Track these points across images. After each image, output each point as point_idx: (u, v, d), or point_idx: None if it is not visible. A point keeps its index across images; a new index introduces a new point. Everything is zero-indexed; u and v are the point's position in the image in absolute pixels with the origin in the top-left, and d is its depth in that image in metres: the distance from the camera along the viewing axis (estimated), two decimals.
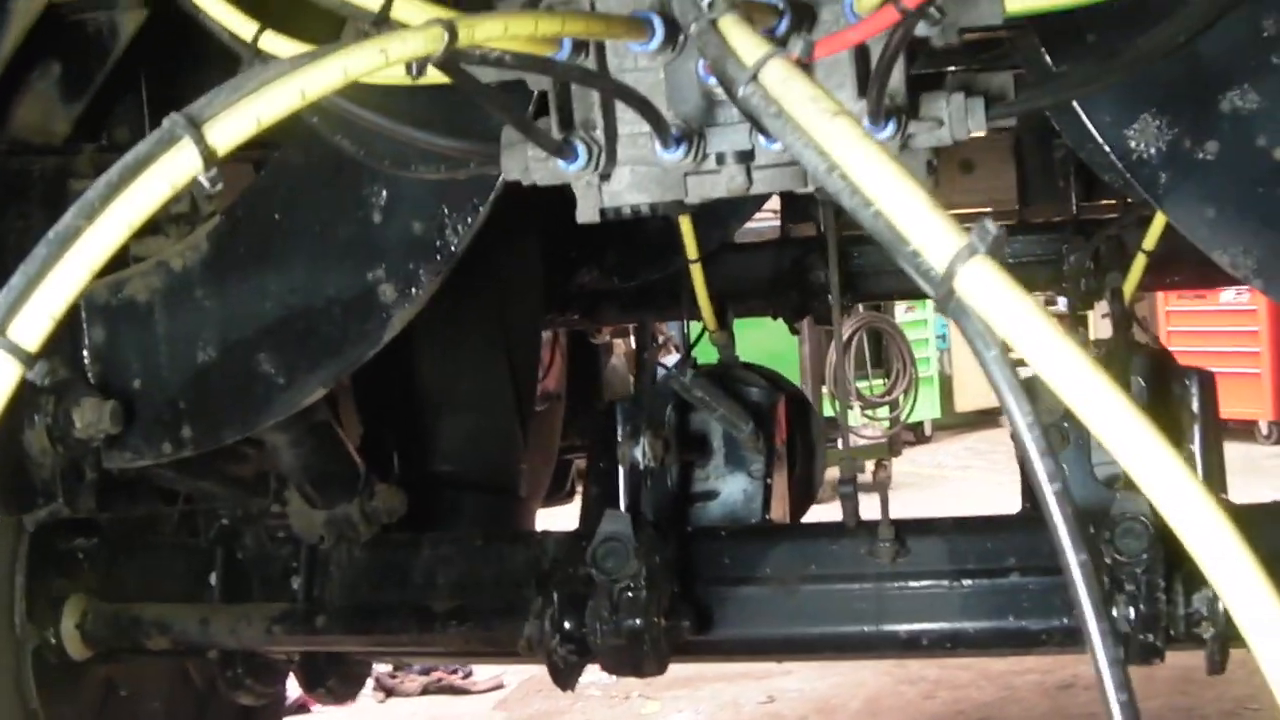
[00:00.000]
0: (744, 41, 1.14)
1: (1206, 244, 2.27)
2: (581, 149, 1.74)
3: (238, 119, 1.21)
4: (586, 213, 1.83)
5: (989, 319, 0.92)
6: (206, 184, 1.19)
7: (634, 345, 5.28)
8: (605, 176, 1.80)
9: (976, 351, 0.93)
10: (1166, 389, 3.34)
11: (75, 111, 2.53)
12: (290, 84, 1.23)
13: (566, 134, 1.77)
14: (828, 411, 12.10)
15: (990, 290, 0.91)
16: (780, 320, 4.35)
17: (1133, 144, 2.23)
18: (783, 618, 2.85)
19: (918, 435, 14.48)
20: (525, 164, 1.81)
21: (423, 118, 2.03)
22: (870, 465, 12.20)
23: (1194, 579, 2.48)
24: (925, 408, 14.05)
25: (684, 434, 3.29)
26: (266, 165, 2.54)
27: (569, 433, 4.85)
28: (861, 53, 1.71)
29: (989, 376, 0.93)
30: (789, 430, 3.49)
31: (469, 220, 2.36)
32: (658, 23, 1.67)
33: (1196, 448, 3.34)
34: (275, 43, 1.91)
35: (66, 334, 2.58)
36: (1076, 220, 4.22)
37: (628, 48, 1.70)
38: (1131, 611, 2.44)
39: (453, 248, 2.38)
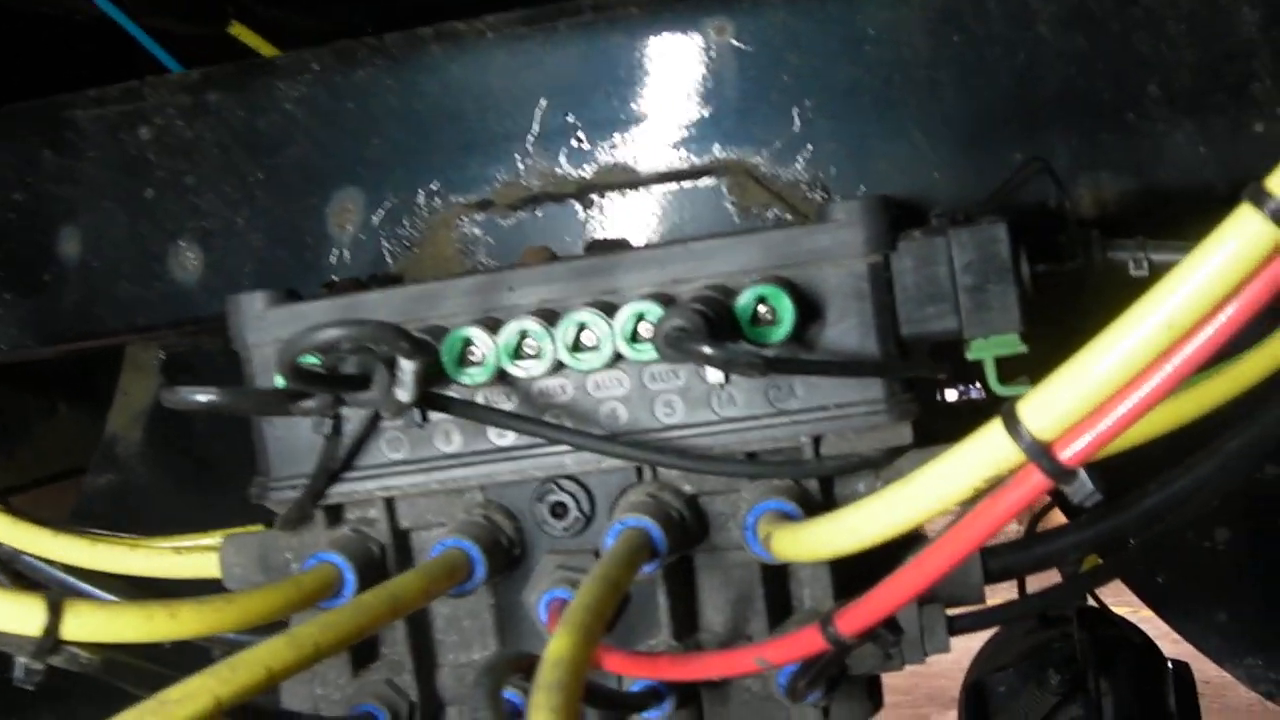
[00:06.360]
0: None
1: (1217, 656, 1.80)
2: (384, 714, 1.22)
3: None
4: None
5: None
6: None
7: None
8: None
9: None
10: (1140, 687, 2.88)
11: None
12: None
13: (364, 676, 1.25)
14: None
15: None
16: None
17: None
18: None
19: None
20: (313, 701, 1.29)
21: None
22: None
23: None
24: None
25: None
26: None
27: None
28: (776, 574, 1.21)
29: None
30: None
31: None
32: (477, 555, 1.16)
33: None
34: None
35: None
36: None
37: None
38: None
39: None
